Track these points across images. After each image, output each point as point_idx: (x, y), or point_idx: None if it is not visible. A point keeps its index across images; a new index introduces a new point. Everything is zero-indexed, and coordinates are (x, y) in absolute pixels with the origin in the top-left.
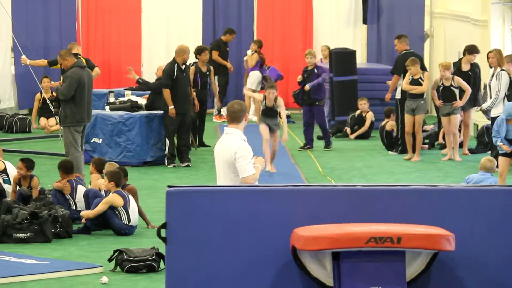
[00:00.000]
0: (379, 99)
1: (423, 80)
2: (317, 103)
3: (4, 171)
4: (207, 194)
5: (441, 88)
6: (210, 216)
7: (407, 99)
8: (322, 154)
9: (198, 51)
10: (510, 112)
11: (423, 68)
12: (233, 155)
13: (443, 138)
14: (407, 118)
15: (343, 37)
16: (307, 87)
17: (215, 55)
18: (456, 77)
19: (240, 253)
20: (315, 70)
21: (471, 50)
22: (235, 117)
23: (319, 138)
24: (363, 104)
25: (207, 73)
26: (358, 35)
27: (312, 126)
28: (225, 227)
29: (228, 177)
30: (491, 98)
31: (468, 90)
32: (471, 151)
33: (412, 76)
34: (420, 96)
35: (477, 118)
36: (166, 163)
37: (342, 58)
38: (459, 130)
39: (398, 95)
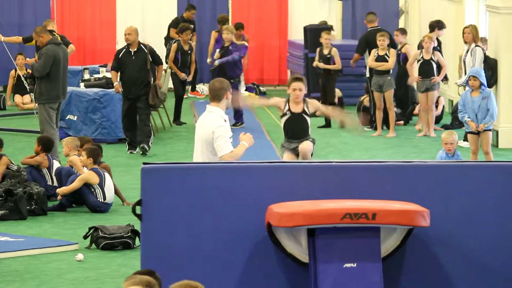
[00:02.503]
0: (354, 75)
1: (389, 57)
2: (232, 80)
3: None
4: (182, 170)
5: (420, 62)
6: (185, 192)
7: (373, 76)
8: None
9: (180, 30)
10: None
11: (392, 45)
12: (211, 134)
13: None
14: (376, 95)
15: (318, 13)
16: (216, 62)
17: (173, 32)
18: (436, 52)
19: (216, 229)
20: (230, 48)
21: (441, 25)
22: (215, 95)
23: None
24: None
25: (189, 51)
26: (333, 11)
27: None
28: (200, 203)
29: (205, 155)
30: (465, 74)
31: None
32: (446, 127)
33: (377, 53)
34: (387, 72)
35: (452, 94)
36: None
37: (317, 34)
38: (436, 106)
39: (368, 73)
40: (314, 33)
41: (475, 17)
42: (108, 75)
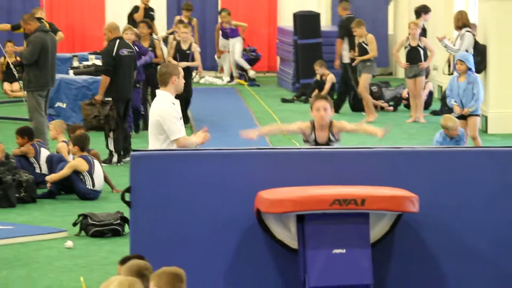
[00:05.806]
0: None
1: (366, 44)
2: (138, 85)
3: None
4: (172, 157)
5: (407, 49)
6: (175, 179)
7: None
8: (287, 117)
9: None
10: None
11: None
12: (157, 117)
13: (407, 99)
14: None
15: (307, 0)
16: None
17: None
18: (423, 38)
19: (205, 216)
20: (136, 49)
21: (426, 9)
22: (162, 80)
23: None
24: (318, 69)
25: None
26: None
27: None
28: (189, 190)
29: (155, 138)
30: (454, 59)
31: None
32: (435, 113)
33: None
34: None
35: (441, 79)
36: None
37: (306, 21)
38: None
39: (345, 59)
40: (304, 19)
41: (464, 2)
42: (97, 62)
